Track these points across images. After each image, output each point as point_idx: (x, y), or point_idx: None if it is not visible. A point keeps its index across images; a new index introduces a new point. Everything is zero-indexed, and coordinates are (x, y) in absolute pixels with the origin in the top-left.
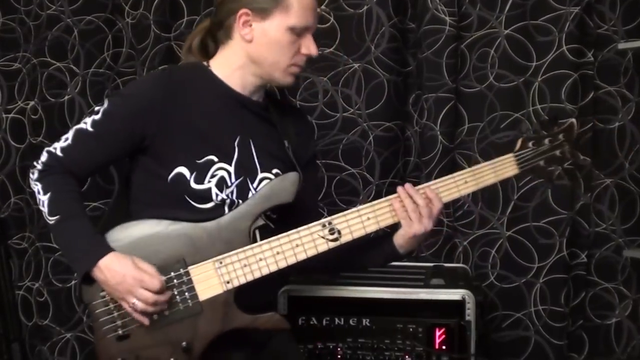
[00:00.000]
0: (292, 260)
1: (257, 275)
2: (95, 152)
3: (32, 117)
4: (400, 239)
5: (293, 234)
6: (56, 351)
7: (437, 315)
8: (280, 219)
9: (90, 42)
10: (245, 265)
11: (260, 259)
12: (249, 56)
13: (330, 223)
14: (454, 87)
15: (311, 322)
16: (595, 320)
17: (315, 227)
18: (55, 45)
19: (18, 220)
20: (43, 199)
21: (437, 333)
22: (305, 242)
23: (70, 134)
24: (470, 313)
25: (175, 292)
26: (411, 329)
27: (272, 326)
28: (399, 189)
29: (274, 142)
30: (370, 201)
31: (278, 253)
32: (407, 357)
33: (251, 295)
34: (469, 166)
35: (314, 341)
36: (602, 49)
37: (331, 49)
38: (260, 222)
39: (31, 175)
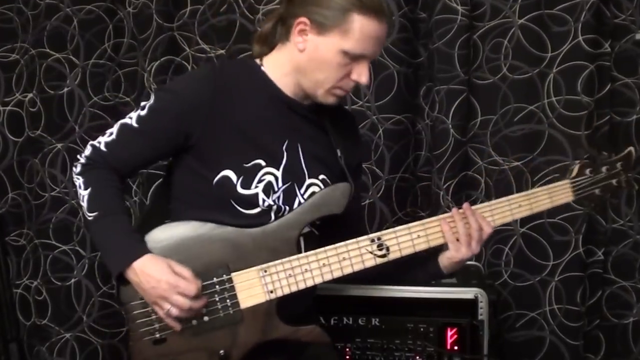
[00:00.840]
0: (337, 274)
1: (302, 286)
2: (140, 149)
3: (31, 109)
4: (446, 260)
5: (341, 247)
6: (55, 352)
7: (448, 314)
8: (324, 225)
9: (90, 32)
10: (290, 276)
11: (306, 270)
12: (297, 65)
13: (379, 239)
14: (466, 78)
15: (319, 322)
16: (612, 320)
17: (364, 242)
18: (54, 35)
19: (16, 217)
20: (83, 194)
21: (449, 333)
22: (353, 255)
23: (115, 129)
24: (483, 312)
25: (217, 299)
26: (422, 329)
27: (312, 339)
28: (454, 211)
29: (322, 146)
30: (380, 196)
31: (324, 265)
32: (417, 357)
33: (291, 303)
34: (481, 161)
35: None
36: (620, 40)
37: None
38: (306, 229)
39: (74, 168)
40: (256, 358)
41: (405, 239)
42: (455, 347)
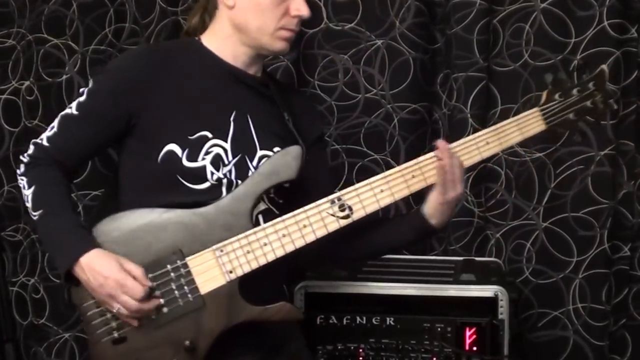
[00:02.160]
0: (300, 243)
1: (263, 261)
2: (82, 137)
3: (27, 98)
4: (430, 208)
5: (299, 214)
6: (53, 353)
7: (467, 313)
8: (287, 204)
9: (90, 17)
10: (248, 252)
11: (265, 244)
12: (233, 24)
13: (339, 199)
14: (486, 65)
15: (330, 321)
16: (639, 319)
17: (323, 205)
18: (53, 20)
19: (12, 211)
20: (27, 193)
21: (468, 333)
22: (314, 221)
23: (56, 122)
24: (503, 311)
25: (174, 287)
26: (439, 329)
27: (283, 317)
28: (440, 144)
29: (275, 119)
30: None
31: (284, 235)
32: (434, 359)
33: (257, 283)
34: (501, 152)
35: (334, 342)
36: None
37: (352, 25)
38: (263, 206)
39: (17, 170)
40: (227, 355)
41: (367, 195)
42: (474, 348)
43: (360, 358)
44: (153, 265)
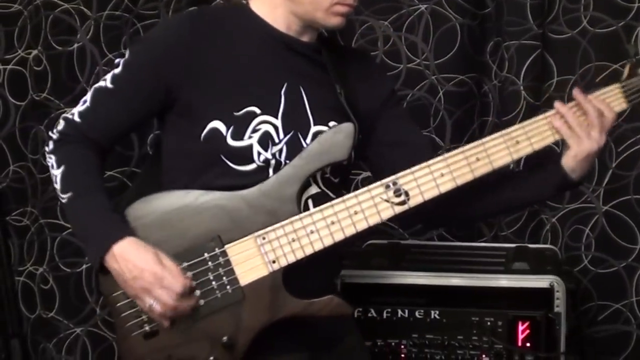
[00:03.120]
0: (350, 231)
1: (309, 251)
2: (118, 113)
3: (35, 68)
4: (571, 161)
5: (350, 199)
6: (64, 349)
7: (520, 306)
8: (342, 182)
9: None
10: (293, 240)
11: (312, 231)
12: None
13: (395, 183)
14: (540, 32)
15: (369, 315)
16: None
17: (376, 189)
18: None
19: (18, 193)
20: (56, 173)
21: (520, 327)
22: (366, 207)
23: (88, 96)
24: (559, 303)
25: (211, 277)
26: (489, 323)
27: (330, 312)
28: (558, 105)
29: (330, 90)
30: None
31: (333, 223)
32: (484, 356)
33: (302, 274)
34: None
35: (373, 337)
36: None
37: None
38: (314, 189)
39: (46, 147)
40: (271, 353)
41: (426, 180)
42: (528, 344)
43: (402, 355)
44: (188, 253)
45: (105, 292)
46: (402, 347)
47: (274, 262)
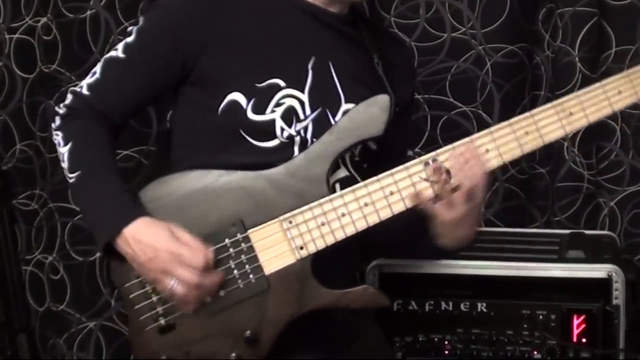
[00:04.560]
0: (385, 213)
1: (340, 235)
2: (130, 84)
3: (44, 38)
4: (438, 227)
5: (385, 178)
6: (75, 345)
7: (575, 298)
8: (370, 167)
9: None
10: (323, 224)
11: (343, 214)
12: None
13: (435, 160)
14: None
15: (410, 308)
16: None
17: (414, 167)
18: None
19: (26, 174)
20: (63, 151)
21: (575, 322)
22: (403, 187)
23: (98, 67)
24: (618, 295)
25: (232, 265)
26: (541, 317)
27: (364, 303)
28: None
29: (361, 64)
30: None
31: (366, 205)
32: (535, 352)
33: (331, 262)
34: None
35: (415, 332)
36: None
37: None
38: (343, 172)
39: (52, 123)
40: (290, 351)
41: None
42: (584, 340)
43: (446, 352)
44: (208, 238)
45: (117, 283)
46: (446, 343)
47: (301, 248)
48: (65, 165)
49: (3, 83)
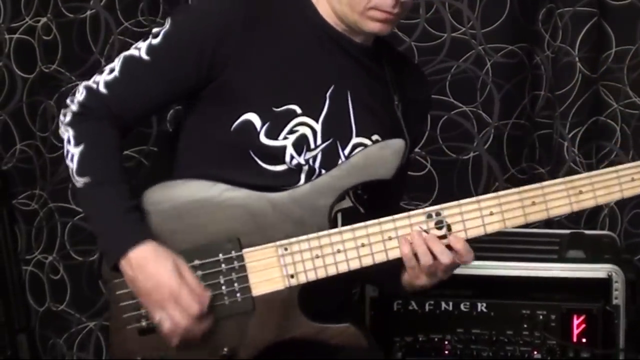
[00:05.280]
0: (380, 258)
1: (332, 272)
2: (151, 89)
3: (44, 38)
4: (405, 281)
5: (387, 223)
6: (75, 345)
7: (575, 298)
8: (372, 202)
9: None
10: (317, 257)
11: (339, 251)
12: None
13: (438, 214)
14: None
15: (410, 308)
16: None
17: (417, 217)
18: None
19: (26, 174)
20: (73, 151)
21: (575, 321)
22: (402, 235)
23: (117, 64)
24: (618, 295)
25: (222, 281)
26: (541, 317)
27: (343, 341)
28: (414, 233)
29: (379, 100)
30: (488, 147)
31: (363, 245)
32: (535, 352)
33: (318, 295)
34: (616, 103)
35: (415, 332)
36: None
37: None
38: (347, 203)
39: (62, 117)
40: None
41: (473, 215)
42: (583, 340)
43: (446, 352)
44: (202, 250)
45: (106, 275)
46: (446, 342)
47: (292, 276)
48: (73, 165)
49: (3, 83)
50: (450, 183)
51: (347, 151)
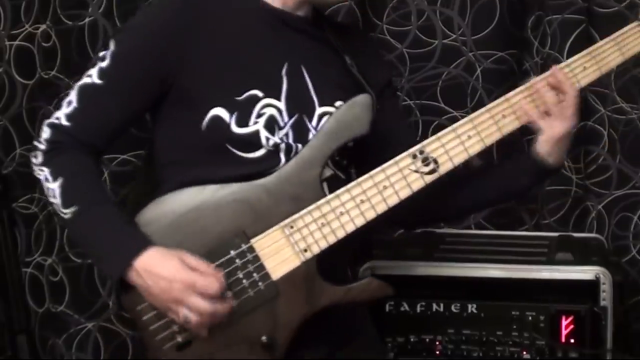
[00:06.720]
0: (381, 208)
1: (341, 234)
2: (111, 110)
3: (44, 45)
4: (544, 145)
5: (377, 174)
6: (74, 345)
7: (563, 299)
8: (353, 165)
9: None
10: (323, 225)
11: (342, 213)
12: None
13: (422, 152)
14: (585, 6)
15: (402, 309)
16: None
17: (404, 160)
18: None
19: (25, 178)
20: (53, 187)
21: (564, 322)
22: (395, 181)
23: (73, 96)
24: (606, 296)
25: (241, 275)
26: (530, 318)
27: (370, 295)
28: (532, 82)
29: (334, 67)
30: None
31: (362, 201)
32: (524, 352)
33: (332, 259)
34: (604, 108)
35: (406, 333)
36: None
37: None
38: (329, 171)
39: (33, 159)
40: (295, 350)
41: (453, 144)
42: (572, 340)
43: (437, 352)
44: (213, 253)
45: (129, 308)
46: (437, 343)
47: (305, 250)
48: (57, 200)
49: (3, 89)
50: None
51: (314, 123)
